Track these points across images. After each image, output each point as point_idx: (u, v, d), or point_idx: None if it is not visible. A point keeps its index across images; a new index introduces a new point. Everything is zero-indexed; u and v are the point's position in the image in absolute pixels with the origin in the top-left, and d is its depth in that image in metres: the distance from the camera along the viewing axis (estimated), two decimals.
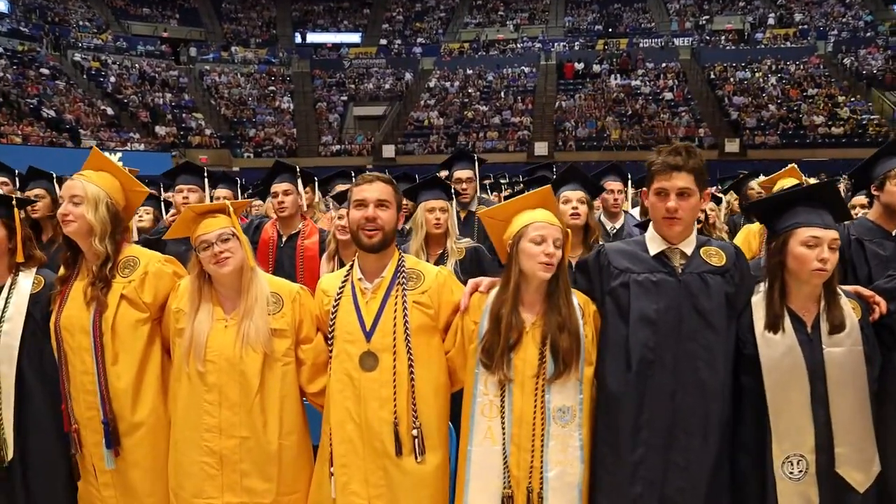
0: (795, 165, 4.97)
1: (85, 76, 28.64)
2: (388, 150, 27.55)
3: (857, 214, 3.61)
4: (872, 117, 25.44)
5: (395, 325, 2.33)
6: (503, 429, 2.22)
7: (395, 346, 2.32)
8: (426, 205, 3.70)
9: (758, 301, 2.24)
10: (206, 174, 4.62)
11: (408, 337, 2.33)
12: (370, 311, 2.36)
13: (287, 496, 2.46)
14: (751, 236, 4.14)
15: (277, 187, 4.26)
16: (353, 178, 4.85)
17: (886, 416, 2.26)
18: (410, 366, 2.32)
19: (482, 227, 4.62)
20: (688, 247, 2.27)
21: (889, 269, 2.77)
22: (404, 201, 4.46)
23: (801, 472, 2.16)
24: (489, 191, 6.40)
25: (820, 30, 31.72)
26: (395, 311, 2.34)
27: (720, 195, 5.66)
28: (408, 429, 2.31)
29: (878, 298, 2.27)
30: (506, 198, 6.21)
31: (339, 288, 2.43)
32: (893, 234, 3.05)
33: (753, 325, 2.22)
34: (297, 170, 4.40)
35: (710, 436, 2.20)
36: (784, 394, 2.17)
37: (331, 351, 2.42)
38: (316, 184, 5.03)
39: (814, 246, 2.13)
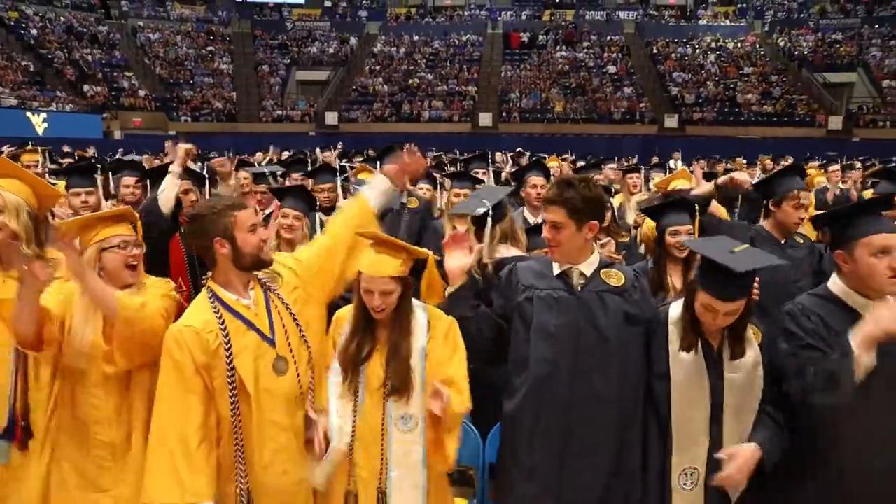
0: (687, 168, 5.43)
1: (3, 28, 26.77)
2: (331, 117, 27.02)
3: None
4: (802, 97, 26.51)
5: (283, 322, 2.35)
6: (353, 430, 2.31)
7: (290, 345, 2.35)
8: None
9: (675, 322, 2.37)
10: (98, 171, 4.36)
11: (300, 329, 2.37)
12: (262, 321, 2.33)
13: None
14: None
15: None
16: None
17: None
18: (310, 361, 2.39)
19: (412, 222, 4.65)
20: (588, 268, 2.42)
21: (776, 275, 2.91)
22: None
23: (693, 483, 2.35)
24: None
25: (758, 9, 32.66)
26: (279, 309, 2.37)
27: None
28: None
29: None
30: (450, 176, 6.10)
31: (221, 326, 2.25)
32: (783, 242, 3.37)
33: (668, 345, 2.36)
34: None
35: (604, 443, 2.36)
36: (687, 411, 2.33)
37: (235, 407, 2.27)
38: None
39: (712, 311, 2.21)
